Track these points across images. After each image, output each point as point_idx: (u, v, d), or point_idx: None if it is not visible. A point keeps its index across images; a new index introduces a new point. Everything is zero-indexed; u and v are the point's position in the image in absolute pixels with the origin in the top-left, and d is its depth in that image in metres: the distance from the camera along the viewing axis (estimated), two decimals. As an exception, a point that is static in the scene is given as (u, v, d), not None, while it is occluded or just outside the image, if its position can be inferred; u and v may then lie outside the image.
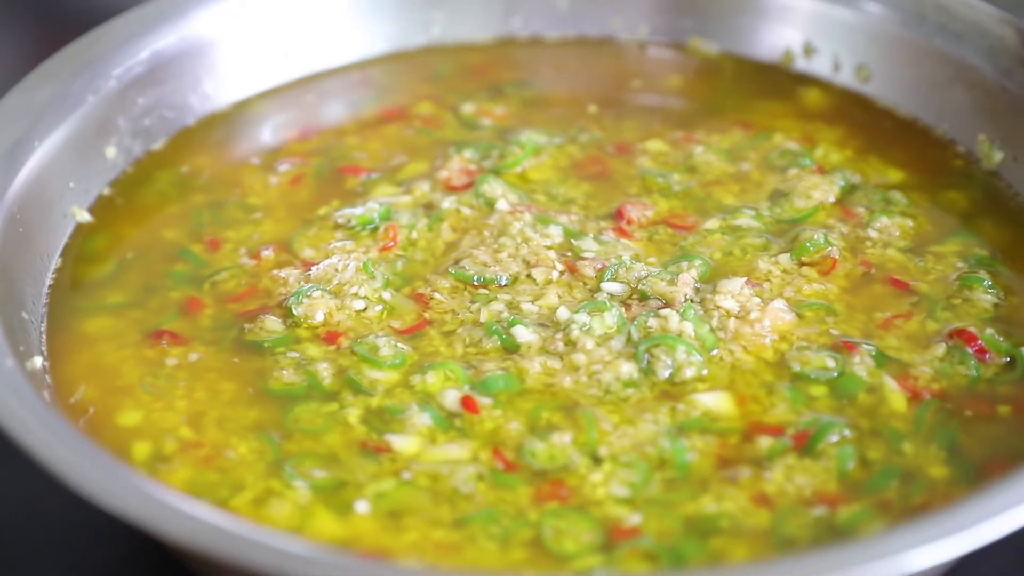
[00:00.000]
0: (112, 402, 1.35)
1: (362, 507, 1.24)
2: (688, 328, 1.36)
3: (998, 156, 1.57)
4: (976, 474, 1.26)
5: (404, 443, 1.29)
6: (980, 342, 1.35)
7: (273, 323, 1.42)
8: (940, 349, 1.36)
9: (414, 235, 1.52)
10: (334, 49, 1.79)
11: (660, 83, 1.77)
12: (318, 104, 1.76)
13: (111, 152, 1.61)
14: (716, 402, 1.31)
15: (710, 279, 1.45)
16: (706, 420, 1.30)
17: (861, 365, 1.34)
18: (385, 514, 1.24)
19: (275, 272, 1.48)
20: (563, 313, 1.39)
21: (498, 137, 1.66)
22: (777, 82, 1.75)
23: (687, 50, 1.81)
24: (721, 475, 1.25)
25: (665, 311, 1.38)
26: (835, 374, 1.33)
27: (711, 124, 1.69)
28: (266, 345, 1.40)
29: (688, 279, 1.41)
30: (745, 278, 1.41)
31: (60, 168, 1.54)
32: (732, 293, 1.40)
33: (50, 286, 1.48)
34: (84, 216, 1.55)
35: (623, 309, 1.40)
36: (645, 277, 1.42)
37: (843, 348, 1.36)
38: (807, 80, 1.75)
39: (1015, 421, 1.30)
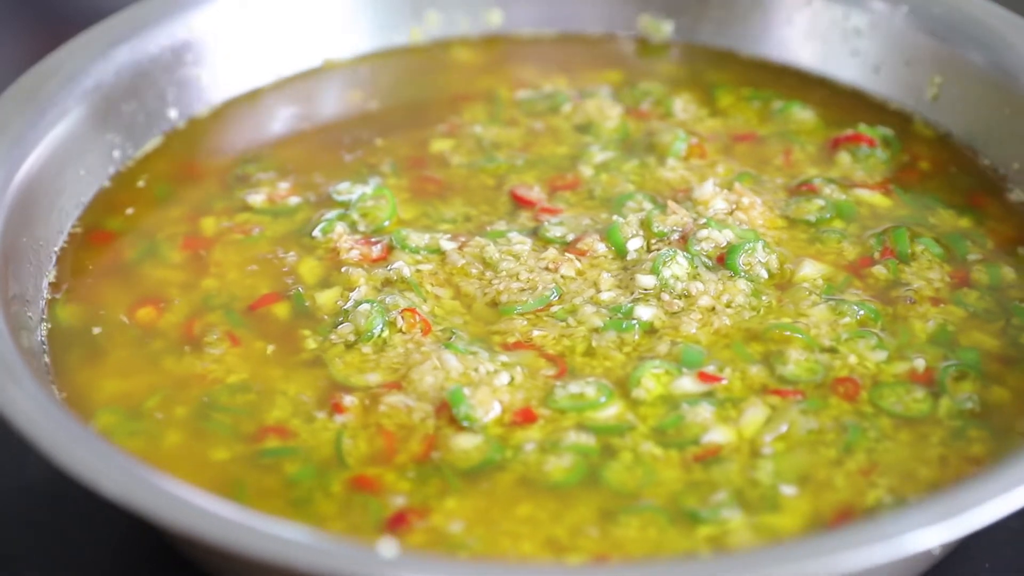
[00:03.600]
0: None
1: (788, 491, 1.28)
2: (729, 234, 1.52)
3: (668, 28, 1.85)
4: (971, 205, 1.59)
5: (723, 435, 1.33)
6: (862, 135, 1.68)
7: (466, 440, 1.32)
8: (845, 157, 1.67)
9: (425, 308, 1.45)
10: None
11: (352, 100, 1.77)
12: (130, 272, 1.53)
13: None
14: (815, 269, 1.49)
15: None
16: (828, 283, 1.49)
17: (833, 192, 1.60)
18: (803, 483, 1.29)
19: (383, 408, 1.35)
20: (648, 280, 1.46)
21: (326, 205, 1.59)
22: (428, 60, 1.84)
23: (323, 69, 1.81)
24: (900, 305, 1.46)
25: (703, 232, 1.51)
26: (831, 208, 1.58)
27: (445, 111, 1.74)
28: (496, 460, 1.31)
29: (675, 205, 1.55)
30: (711, 179, 1.58)
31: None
32: (714, 195, 1.57)
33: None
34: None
35: (667, 249, 1.50)
36: (647, 222, 1.53)
37: (806, 191, 1.61)
38: (449, 44, 1.85)
39: (940, 169, 1.64)
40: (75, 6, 2.12)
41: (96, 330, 1.43)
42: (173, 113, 1.68)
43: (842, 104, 1.73)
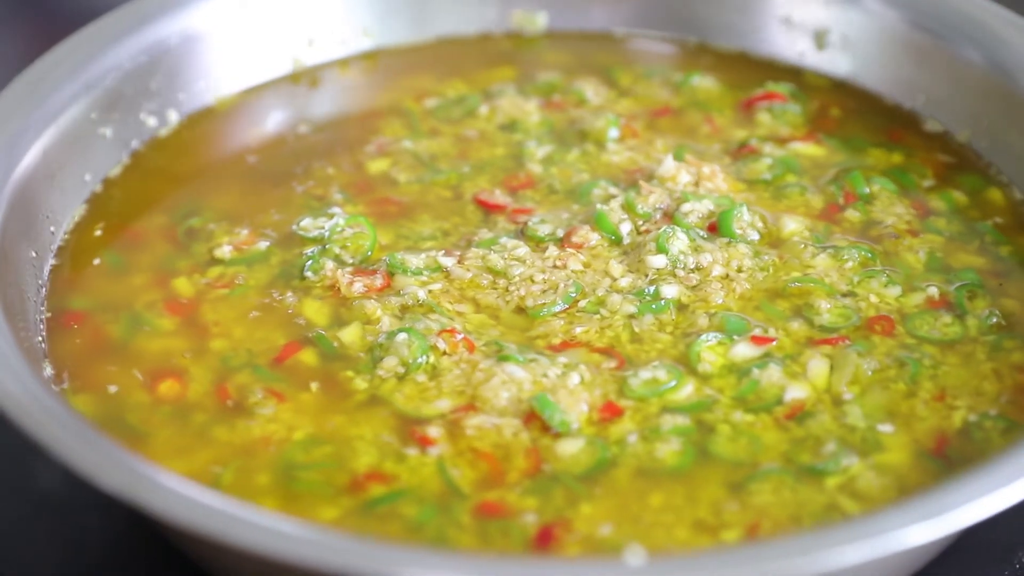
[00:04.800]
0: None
1: (885, 428, 1.33)
2: (708, 204, 1.56)
3: (542, 19, 1.87)
4: (893, 142, 1.68)
5: (801, 391, 1.34)
6: (774, 93, 1.75)
7: (569, 446, 1.31)
8: (764, 116, 1.73)
9: (457, 326, 1.43)
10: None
11: (260, 134, 1.71)
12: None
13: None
14: (797, 223, 1.52)
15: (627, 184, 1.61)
16: (813, 231, 1.55)
17: (772, 150, 1.66)
18: (893, 419, 1.33)
19: (470, 432, 1.32)
20: (658, 260, 1.47)
21: (296, 243, 1.53)
22: (318, 85, 1.78)
23: (217, 109, 1.74)
24: (887, 242, 1.53)
25: (685, 207, 1.54)
26: (779, 165, 1.64)
27: (363, 131, 1.69)
28: (607, 458, 1.31)
29: (649, 187, 1.58)
30: (670, 154, 1.62)
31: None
32: (675, 170, 1.60)
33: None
34: None
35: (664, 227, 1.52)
36: (629, 205, 1.55)
37: (747, 152, 1.66)
38: (330, 66, 1.81)
39: (851, 114, 1.71)
40: (74, 6, 2.05)
41: (124, 414, 1.32)
42: (88, 176, 1.57)
43: (733, 68, 1.79)
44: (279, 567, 1.11)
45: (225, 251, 1.49)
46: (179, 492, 1.15)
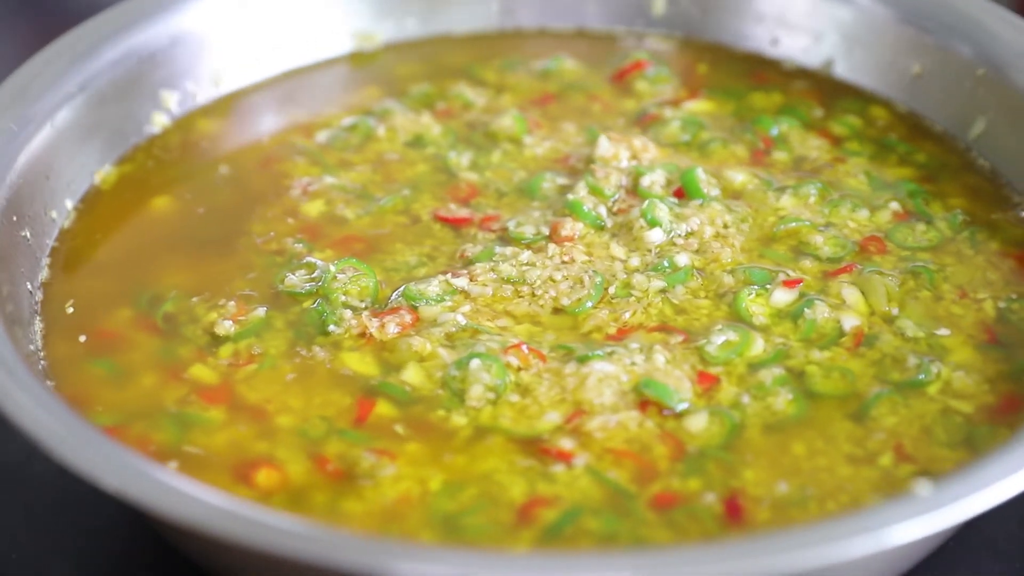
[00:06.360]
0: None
1: (942, 332, 1.40)
2: (661, 173, 1.58)
3: (380, 35, 1.82)
4: (765, 85, 1.77)
5: (854, 319, 1.39)
6: (641, 61, 1.80)
7: (697, 422, 1.31)
8: (642, 84, 1.76)
9: (514, 341, 1.40)
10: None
11: (166, 206, 1.60)
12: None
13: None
14: (743, 174, 1.56)
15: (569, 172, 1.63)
16: (765, 178, 1.59)
17: (673, 113, 1.71)
18: (939, 323, 1.41)
19: (598, 436, 1.31)
20: (655, 235, 1.49)
21: (285, 303, 1.45)
22: (180, 142, 1.69)
23: (101, 187, 1.62)
24: (825, 172, 1.59)
25: (644, 180, 1.56)
26: (688, 125, 1.68)
27: (271, 177, 1.61)
28: (736, 424, 1.32)
29: (603, 171, 1.59)
30: (602, 135, 1.63)
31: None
32: (614, 148, 1.61)
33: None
34: None
35: (645, 202, 1.54)
36: (596, 189, 1.56)
37: (651, 120, 1.69)
38: (190, 120, 1.70)
39: (714, 67, 1.77)
40: (73, 6, 1.96)
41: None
42: (28, 286, 1.41)
43: (581, 46, 1.82)
44: (279, 564, 1.08)
45: (227, 327, 1.37)
46: (180, 490, 1.12)
